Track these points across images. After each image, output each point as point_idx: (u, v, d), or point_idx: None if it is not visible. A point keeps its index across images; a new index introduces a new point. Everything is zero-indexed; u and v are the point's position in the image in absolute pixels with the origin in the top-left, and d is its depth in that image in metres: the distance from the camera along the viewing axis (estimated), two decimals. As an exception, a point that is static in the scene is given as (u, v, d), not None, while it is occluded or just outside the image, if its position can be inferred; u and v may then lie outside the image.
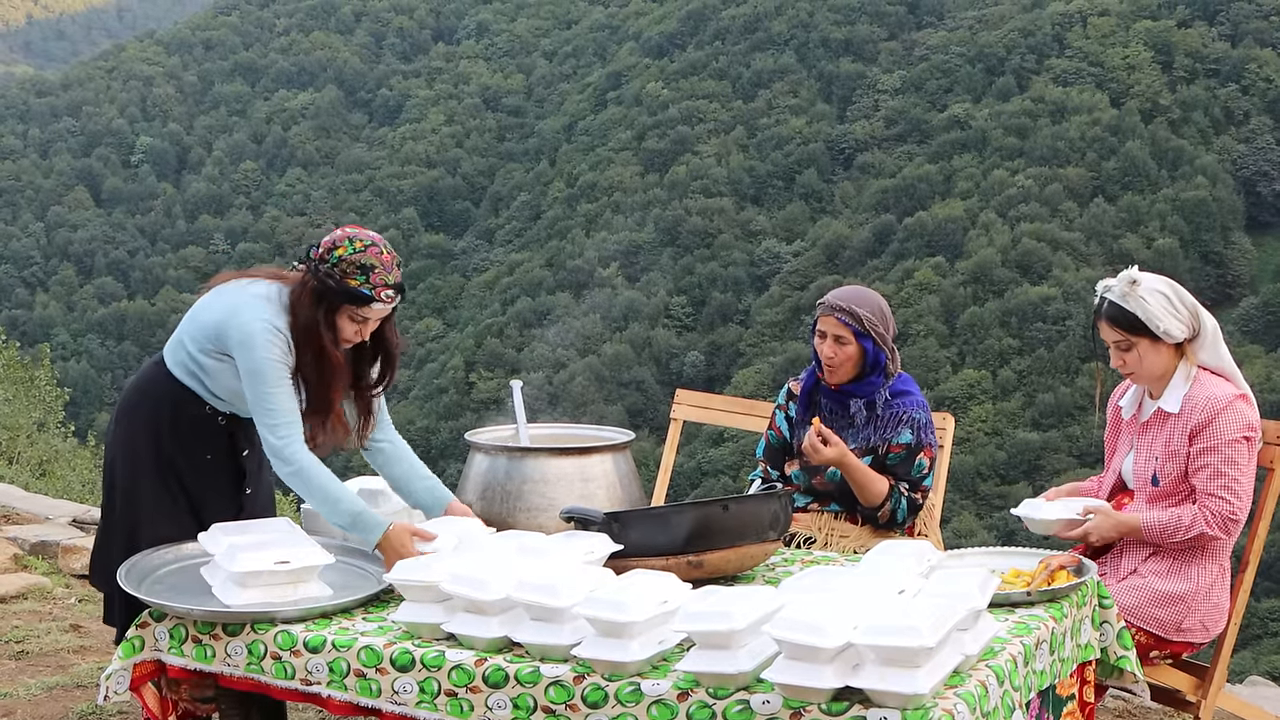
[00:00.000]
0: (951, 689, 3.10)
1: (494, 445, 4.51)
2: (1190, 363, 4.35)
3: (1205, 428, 4.25)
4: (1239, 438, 4.25)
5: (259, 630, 3.70)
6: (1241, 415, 4.28)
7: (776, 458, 4.94)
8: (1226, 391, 4.31)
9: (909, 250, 78.01)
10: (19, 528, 8.47)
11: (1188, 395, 4.32)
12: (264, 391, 4.05)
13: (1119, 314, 4.32)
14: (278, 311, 4.11)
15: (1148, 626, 4.28)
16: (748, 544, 3.95)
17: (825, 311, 4.70)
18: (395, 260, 4.15)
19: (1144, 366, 4.35)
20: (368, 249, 4.10)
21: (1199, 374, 4.35)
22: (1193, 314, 4.34)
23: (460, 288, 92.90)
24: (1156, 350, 4.32)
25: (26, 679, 5.88)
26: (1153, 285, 4.32)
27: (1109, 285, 4.38)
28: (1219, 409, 4.25)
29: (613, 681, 3.24)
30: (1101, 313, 4.38)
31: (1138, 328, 4.30)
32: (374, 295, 4.08)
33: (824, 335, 4.70)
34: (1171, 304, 4.30)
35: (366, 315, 4.13)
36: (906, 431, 4.71)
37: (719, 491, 48.95)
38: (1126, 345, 4.34)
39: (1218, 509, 4.23)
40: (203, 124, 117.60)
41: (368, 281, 4.07)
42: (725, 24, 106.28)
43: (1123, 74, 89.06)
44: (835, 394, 4.77)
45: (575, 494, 4.34)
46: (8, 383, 16.32)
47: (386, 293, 4.09)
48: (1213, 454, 4.25)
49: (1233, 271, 78.24)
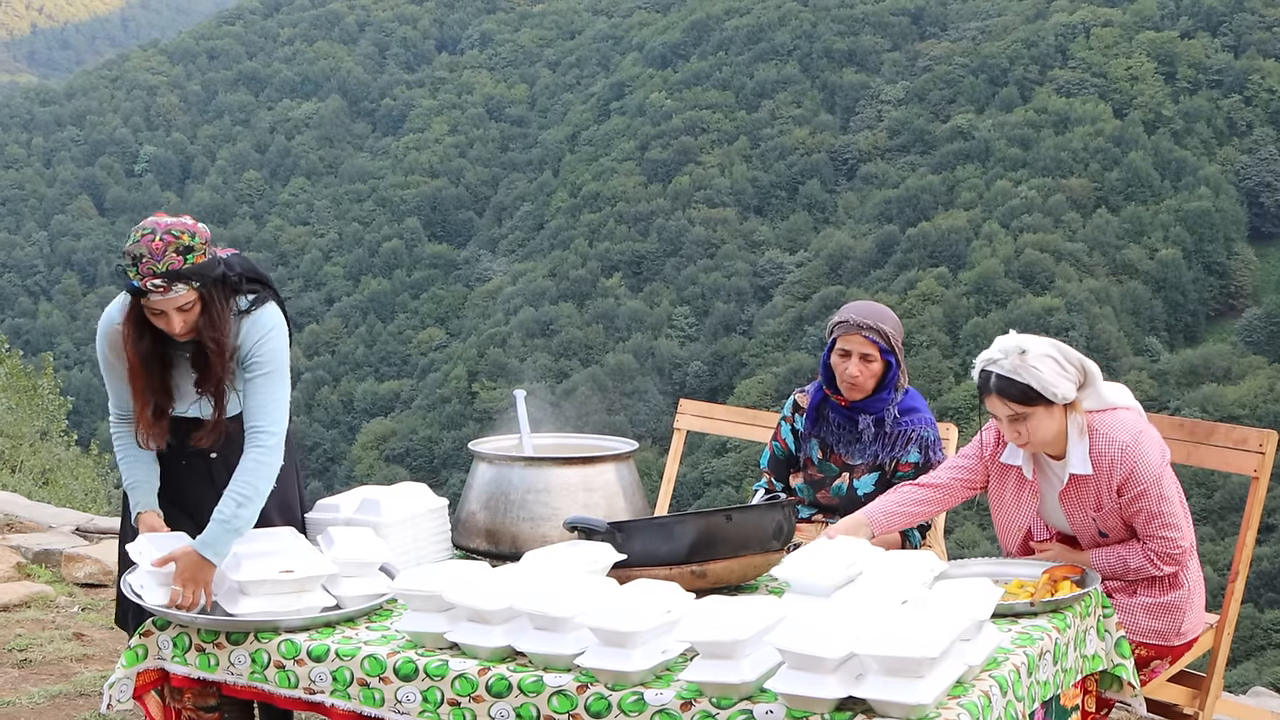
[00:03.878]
0: (955, 699, 3.10)
1: (498, 455, 4.51)
2: (1079, 413, 4.16)
3: (1129, 478, 4.12)
4: (1160, 469, 4.14)
5: (262, 639, 3.70)
6: (1151, 443, 4.16)
7: (781, 469, 4.93)
8: (1127, 429, 4.16)
9: (912, 261, 78.03)
10: (22, 536, 8.47)
11: (1094, 451, 4.16)
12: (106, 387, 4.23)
13: (1009, 387, 4.07)
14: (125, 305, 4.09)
15: (1147, 639, 4.26)
16: (751, 554, 3.95)
17: (850, 330, 4.61)
18: (174, 246, 3.87)
19: (1038, 434, 4.14)
20: (143, 238, 3.88)
21: (1090, 421, 4.19)
22: (1079, 369, 4.15)
23: (463, 297, 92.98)
24: (1051, 414, 4.11)
25: (29, 687, 5.88)
26: (1041, 350, 4.10)
27: (992, 358, 4.13)
28: (1133, 454, 4.11)
29: (616, 691, 3.23)
30: (990, 388, 4.10)
31: (1032, 398, 4.07)
32: (142, 286, 3.86)
33: (847, 354, 4.62)
34: (1060, 366, 4.10)
35: (159, 307, 3.92)
36: (915, 450, 4.71)
37: (722, 501, 48.92)
38: (1021, 417, 4.11)
39: (1160, 549, 4.16)
40: (206, 133, 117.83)
41: (138, 272, 3.86)
42: (729, 34, 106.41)
43: (1126, 85, 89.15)
44: (844, 410, 4.74)
45: (579, 504, 4.33)
46: (11, 391, 16.32)
47: (153, 282, 3.84)
48: (1144, 499, 4.12)
49: (1235, 282, 78.28)
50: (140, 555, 3.92)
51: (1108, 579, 4.26)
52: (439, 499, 4.52)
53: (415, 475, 50.54)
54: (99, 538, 8.32)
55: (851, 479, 4.76)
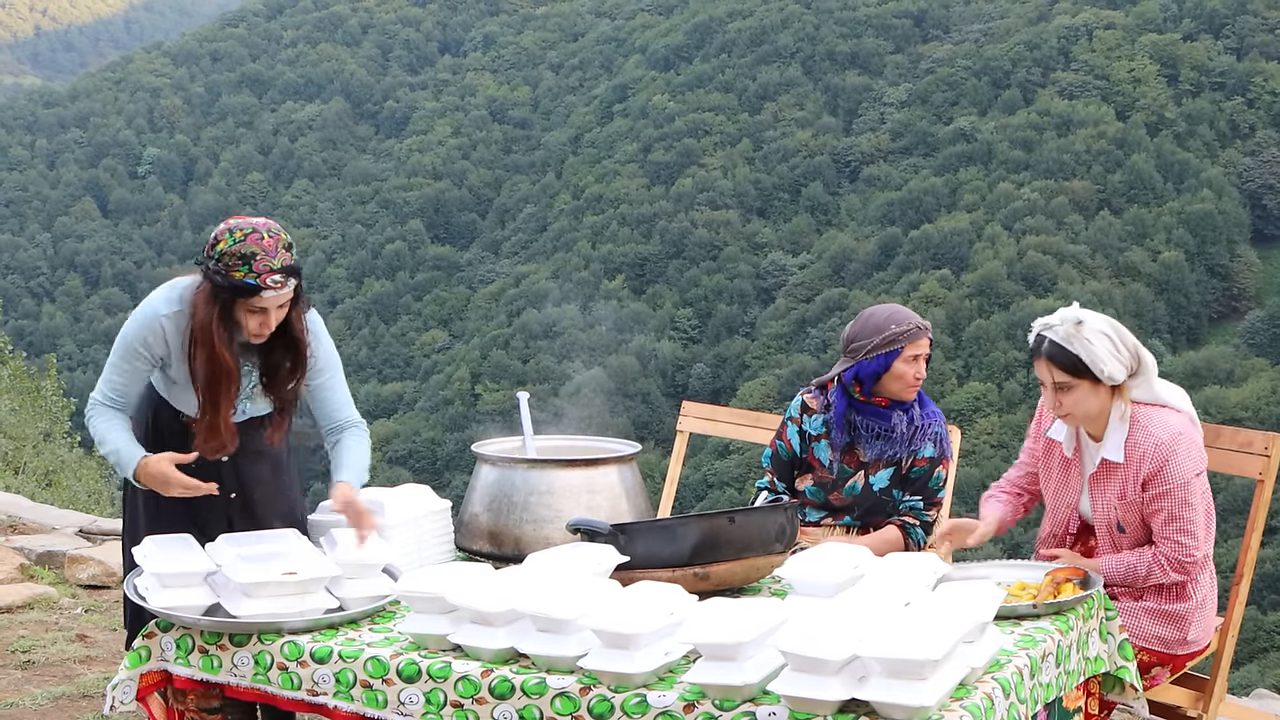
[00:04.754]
0: (957, 701, 3.10)
1: (501, 457, 4.51)
2: (1124, 401, 4.21)
3: (1157, 474, 4.15)
4: (1191, 477, 4.16)
5: (265, 641, 3.71)
6: (1190, 450, 4.18)
7: (784, 469, 4.92)
8: (1170, 429, 4.19)
9: (915, 263, 78.01)
10: (25, 538, 8.48)
11: (1130, 442, 4.20)
12: (110, 362, 4.14)
13: (1059, 354, 4.15)
14: (173, 299, 4.09)
15: (1150, 645, 4.26)
16: (754, 556, 3.95)
17: (919, 335, 4.69)
18: (282, 243, 4.00)
19: (1080, 409, 4.20)
20: (248, 237, 3.96)
21: (1135, 413, 4.23)
22: (1133, 354, 4.21)
23: (466, 299, 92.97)
24: (1095, 392, 4.17)
25: (33, 689, 5.88)
26: (1097, 326, 4.17)
27: (1049, 324, 4.21)
28: (1167, 454, 4.14)
29: (619, 693, 3.24)
30: (1041, 351, 4.20)
31: (1080, 370, 4.14)
32: (260, 284, 3.94)
33: (917, 358, 4.70)
34: (1114, 346, 4.16)
35: (263, 305, 3.99)
36: (930, 445, 4.75)
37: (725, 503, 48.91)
38: (1066, 387, 4.17)
39: (1172, 553, 4.17)
40: (209, 135, 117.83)
41: (252, 270, 3.93)
42: (731, 37, 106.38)
43: (1128, 87, 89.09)
44: (880, 410, 4.74)
45: (582, 506, 4.34)
46: (14, 393, 16.33)
47: (273, 278, 3.95)
48: (1167, 499, 4.16)
49: (1238, 284, 78.24)
50: (146, 558, 3.92)
51: (1118, 587, 4.26)
52: (442, 501, 4.53)
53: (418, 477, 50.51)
54: (102, 539, 8.32)
55: (867, 475, 4.76)
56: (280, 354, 4.18)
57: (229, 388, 4.08)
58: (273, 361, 4.19)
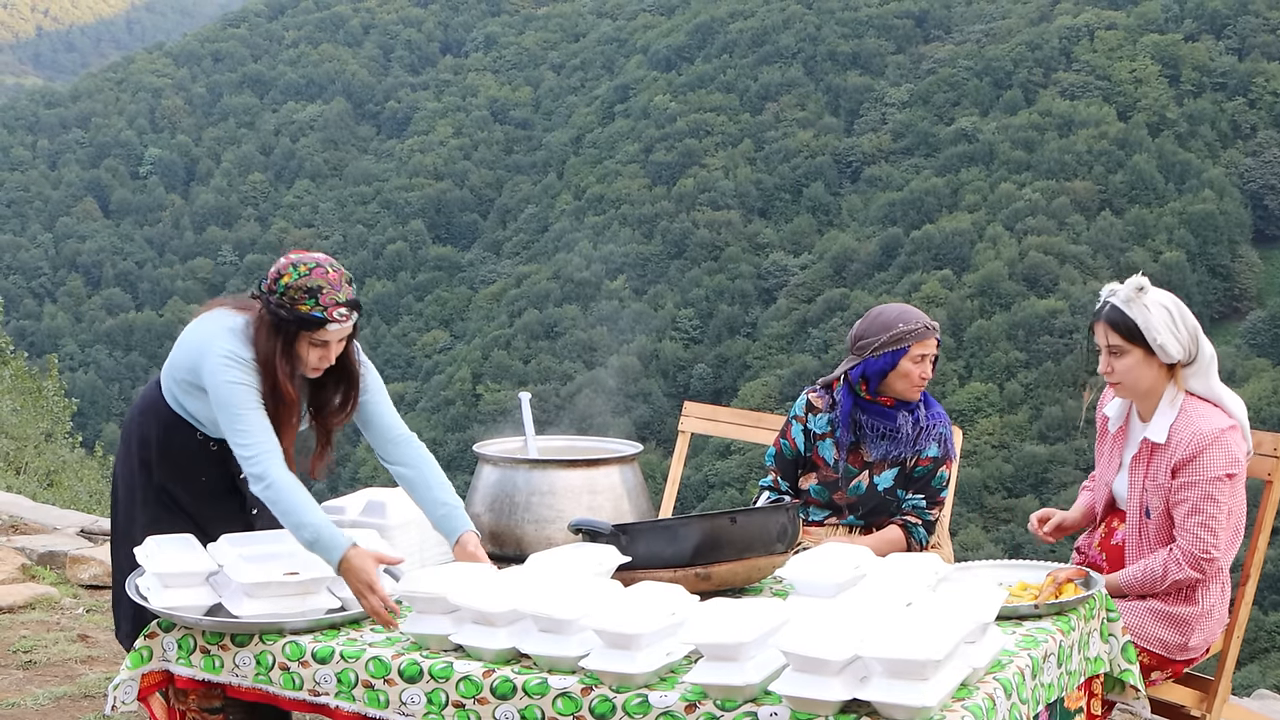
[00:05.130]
0: (959, 702, 3.10)
1: (502, 457, 4.51)
2: (1178, 387, 4.26)
3: (1189, 463, 4.18)
4: (1222, 475, 4.18)
5: (267, 641, 3.71)
6: (1228, 451, 4.20)
7: (788, 468, 4.90)
8: (1215, 425, 4.21)
9: (916, 263, 77.99)
10: (27, 538, 8.48)
11: (1174, 426, 4.23)
12: (235, 414, 3.97)
13: (1119, 319, 4.26)
14: (243, 344, 4.04)
15: (1151, 647, 4.26)
16: (755, 556, 3.96)
17: (927, 335, 4.70)
18: (345, 277, 4.05)
19: (1130, 377, 4.27)
20: (313, 271, 4.00)
21: (1186, 402, 4.26)
22: (1192, 337, 4.26)
23: (467, 300, 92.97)
24: (1148, 364, 4.24)
25: (34, 689, 5.89)
26: (1158, 299, 4.26)
27: (1114, 289, 4.33)
28: (1205, 445, 4.17)
29: (620, 693, 3.24)
30: (1101, 315, 4.32)
31: (1134, 336, 4.23)
32: (327, 316, 3.97)
33: (923, 358, 4.71)
34: (1173, 321, 4.24)
35: (325, 338, 4.02)
36: (934, 445, 4.74)
37: (726, 504, 48.92)
38: (1119, 352, 4.27)
39: (1189, 547, 4.17)
40: (211, 136, 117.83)
41: (318, 304, 3.97)
42: (733, 37, 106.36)
43: (1130, 87, 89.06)
44: (886, 410, 4.73)
45: (583, 506, 4.34)
46: (16, 393, 16.34)
47: (339, 311, 3.99)
48: (1193, 489, 4.18)
49: (1240, 285, 78.19)
50: (148, 558, 3.93)
51: (1139, 596, 4.26)
52: (445, 502, 4.52)
53: (419, 477, 50.40)
54: (103, 539, 8.32)
55: (872, 475, 4.75)
56: (331, 388, 4.21)
57: (291, 419, 4.09)
58: (323, 395, 4.22)
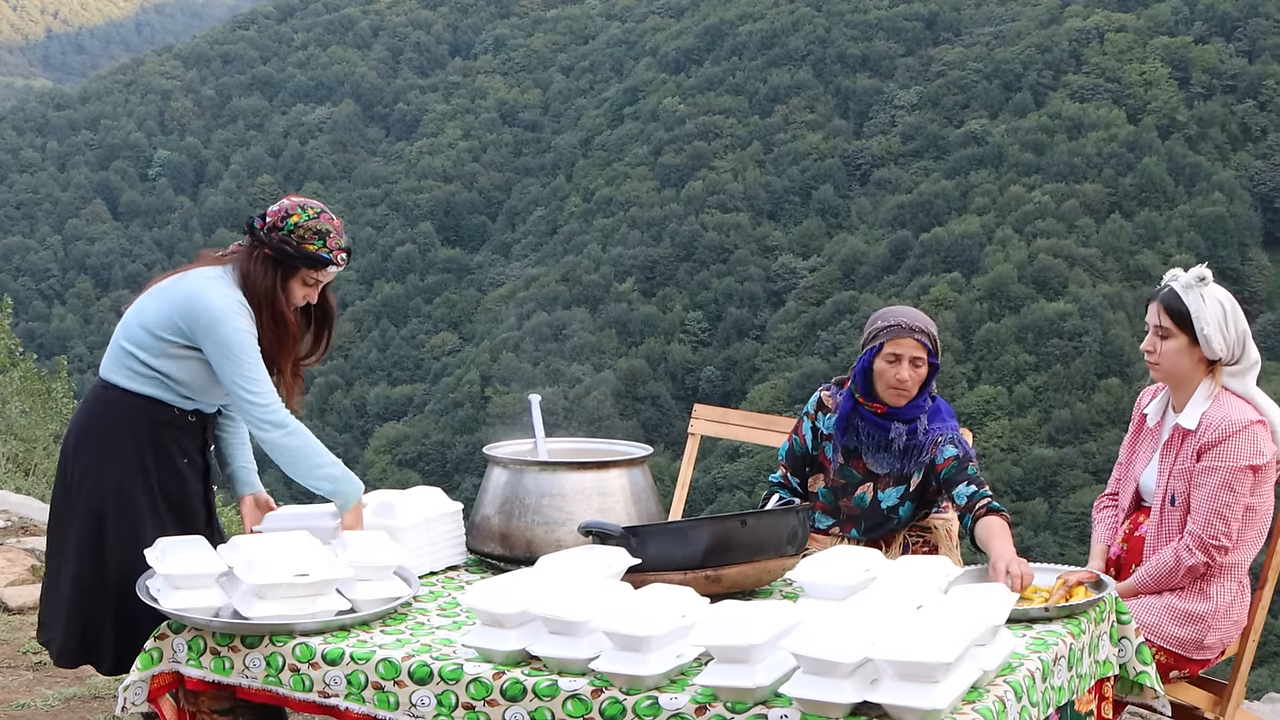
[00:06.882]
0: (969, 704, 3.10)
1: (512, 459, 4.51)
2: (1216, 381, 4.31)
3: (1214, 447, 4.22)
4: (1244, 465, 4.20)
5: (277, 642, 3.71)
6: (1254, 442, 4.22)
7: (797, 465, 4.87)
8: (1245, 415, 4.25)
9: (925, 266, 77.92)
10: (36, 539, 8.50)
11: (1206, 413, 4.28)
12: (243, 362, 4.13)
13: (1173, 302, 4.33)
14: (232, 287, 4.20)
15: (1168, 645, 4.25)
16: (766, 559, 3.95)
17: (902, 333, 4.50)
18: (341, 225, 4.32)
19: (1170, 361, 4.34)
20: (320, 215, 4.27)
21: (1221, 394, 4.31)
22: (1240, 340, 4.32)
23: (476, 302, 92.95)
24: (1189, 352, 4.31)
25: (44, 690, 5.89)
26: (1216, 294, 4.32)
27: (1176, 274, 4.39)
28: (1232, 431, 4.21)
29: (630, 695, 3.24)
30: (1159, 295, 4.39)
31: (1184, 322, 4.30)
32: (331, 259, 4.25)
33: (897, 358, 4.50)
34: (1225, 318, 4.30)
35: (320, 279, 4.29)
36: (949, 446, 4.56)
37: (735, 506, 48.87)
38: (1166, 334, 4.35)
39: (1199, 531, 4.19)
40: (220, 138, 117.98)
41: (325, 246, 4.23)
42: (742, 39, 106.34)
43: (1140, 90, 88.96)
44: (878, 418, 4.62)
45: (593, 508, 4.34)
46: (25, 395, 16.35)
47: (342, 255, 4.27)
48: (1213, 474, 4.21)
49: (1249, 288, 77.95)
50: (159, 560, 3.93)
51: (1156, 592, 4.26)
52: (453, 503, 4.53)
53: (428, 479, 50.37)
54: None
55: (876, 490, 4.70)
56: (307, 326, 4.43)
57: (293, 348, 4.31)
58: None
